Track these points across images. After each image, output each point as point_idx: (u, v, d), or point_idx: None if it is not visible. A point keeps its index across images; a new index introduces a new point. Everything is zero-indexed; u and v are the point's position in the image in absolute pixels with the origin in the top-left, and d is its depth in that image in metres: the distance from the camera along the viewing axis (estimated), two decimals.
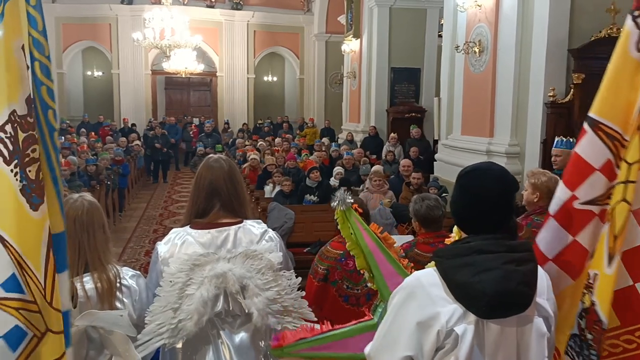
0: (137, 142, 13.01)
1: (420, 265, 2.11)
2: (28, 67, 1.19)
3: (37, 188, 1.21)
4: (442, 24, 10.00)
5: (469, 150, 7.68)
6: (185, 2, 16.94)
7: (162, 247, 2.12)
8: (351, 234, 1.85)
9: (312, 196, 6.86)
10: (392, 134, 11.11)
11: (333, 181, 7.79)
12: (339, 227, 1.89)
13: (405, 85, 12.35)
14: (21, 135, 1.18)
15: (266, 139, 13.70)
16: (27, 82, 1.18)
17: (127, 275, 2.05)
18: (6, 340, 1.24)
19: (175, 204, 10.92)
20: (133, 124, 16.26)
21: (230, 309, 2.02)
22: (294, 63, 19.44)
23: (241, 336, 2.07)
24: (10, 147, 1.17)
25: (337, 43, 15.77)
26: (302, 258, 4.75)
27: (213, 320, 2.03)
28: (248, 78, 18.58)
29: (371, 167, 7.94)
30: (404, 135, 11.03)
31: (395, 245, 1.96)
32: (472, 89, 7.77)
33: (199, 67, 15.65)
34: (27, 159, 1.19)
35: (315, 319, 2.13)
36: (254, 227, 2.18)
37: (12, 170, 1.17)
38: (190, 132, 16.22)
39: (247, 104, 18.71)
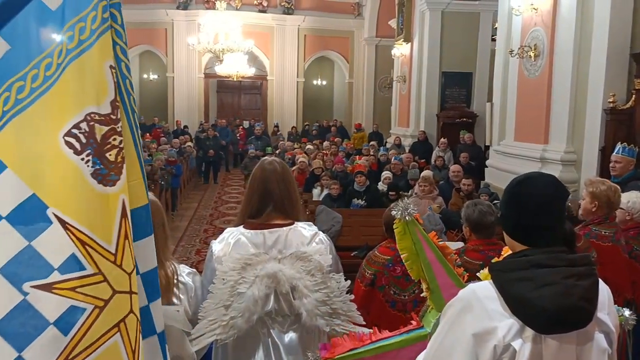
0: (190, 143, 13.37)
1: (468, 272, 2.08)
2: (114, 79, 1.49)
3: (115, 167, 1.45)
4: (495, 28, 9.80)
5: (522, 157, 7.48)
6: (238, 8, 17.29)
7: (216, 246, 2.19)
8: (413, 244, 1.82)
9: (360, 200, 6.86)
10: (442, 139, 10.95)
11: (381, 186, 7.76)
12: (397, 238, 1.85)
13: (457, 90, 12.16)
14: (101, 129, 1.44)
15: (314, 142, 13.80)
16: (111, 90, 1.47)
17: (184, 273, 2.12)
18: (58, 326, 1.35)
19: (225, 204, 11.14)
20: (185, 126, 16.71)
21: (281, 308, 2.06)
22: (344, 67, 19.48)
23: (291, 336, 2.10)
24: (84, 141, 1.41)
25: (387, 47, 15.70)
26: (348, 262, 4.73)
27: (263, 319, 2.07)
28: (298, 82, 18.74)
29: (420, 171, 7.85)
30: (454, 140, 10.86)
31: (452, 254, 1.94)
32: (527, 94, 7.56)
33: (250, 71, 15.89)
34: (107, 146, 1.45)
35: (364, 323, 2.14)
36: (304, 229, 2.21)
37: (82, 159, 1.41)
38: (237, 135, 16.52)
39: (297, 107, 18.87)
